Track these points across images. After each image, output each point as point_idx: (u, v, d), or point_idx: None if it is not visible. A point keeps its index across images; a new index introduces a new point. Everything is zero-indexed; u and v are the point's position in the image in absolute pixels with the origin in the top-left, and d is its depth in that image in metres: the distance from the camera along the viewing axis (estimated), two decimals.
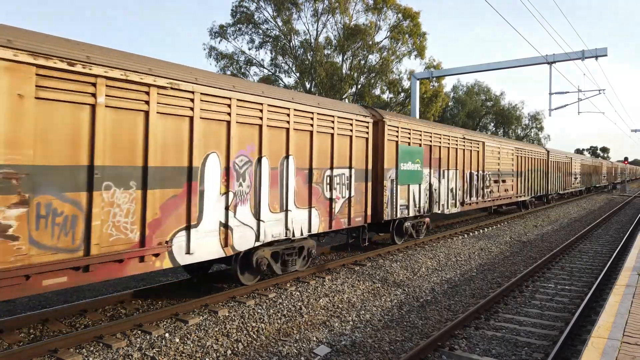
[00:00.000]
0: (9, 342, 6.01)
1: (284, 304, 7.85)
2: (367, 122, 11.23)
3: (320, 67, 31.67)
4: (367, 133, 11.26)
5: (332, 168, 9.99)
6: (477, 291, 9.78)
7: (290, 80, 34.68)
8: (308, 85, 32.96)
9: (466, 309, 8.44)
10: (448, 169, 15.22)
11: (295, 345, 6.50)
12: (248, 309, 7.44)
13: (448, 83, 66.50)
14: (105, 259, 5.79)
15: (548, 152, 27.40)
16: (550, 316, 8.08)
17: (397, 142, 12.39)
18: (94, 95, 5.72)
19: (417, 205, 13.39)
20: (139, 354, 5.74)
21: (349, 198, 10.57)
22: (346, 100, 33.75)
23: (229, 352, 6.16)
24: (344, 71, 33.17)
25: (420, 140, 13.53)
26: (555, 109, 23.94)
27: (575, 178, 35.63)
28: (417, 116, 25.33)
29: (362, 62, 33.63)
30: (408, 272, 10.79)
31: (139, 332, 6.34)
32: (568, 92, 24.29)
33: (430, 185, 14.09)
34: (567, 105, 24.37)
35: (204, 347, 6.12)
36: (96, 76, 5.74)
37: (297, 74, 33.34)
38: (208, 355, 5.97)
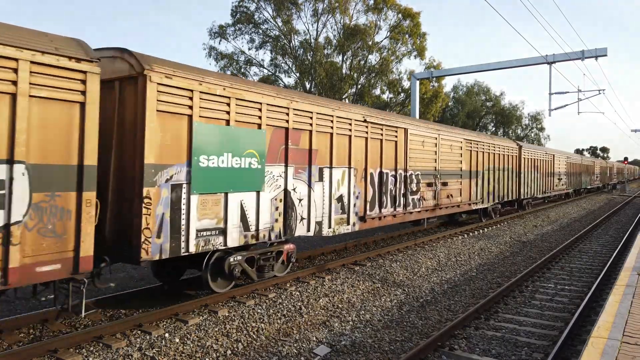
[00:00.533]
0: (9, 342, 6.01)
1: (284, 304, 7.85)
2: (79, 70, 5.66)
3: (320, 67, 31.68)
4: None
5: None
6: (477, 291, 9.78)
7: (290, 80, 34.71)
8: (308, 85, 32.97)
9: (466, 309, 8.44)
10: (331, 167, 10.09)
11: (295, 345, 6.50)
12: (248, 309, 7.44)
13: (448, 83, 66.41)
14: None
15: (520, 147, 22.25)
16: (550, 316, 8.08)
17: (190, 116, 7.05)
18: None
19: (253, 226, 8.15)
20: (138, 354, 5.74)
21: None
22: (346, 100, 33.76)
23: (229, 352, 6.16)
24: (343, 71, 33.18)
25: (261, 119, 8.25)
26: (555, 109, 23.98)
27: (559, 179, 29.89)
28: (417, 116, 25.29)
29: (362, 62, 33.65)
30: (408, 272, 10.79)
31: (139, 332, 6.33)
32: (568, 92, 24.32)
33: (287, 192, 8.89)
34: (567, 105, 24.40)
35: (204, 347, 6.12)
36: None
37: (297, 74, 33.35)
38: (208, 355, 5.97)
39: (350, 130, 10.62)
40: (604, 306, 6.30)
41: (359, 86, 34.16)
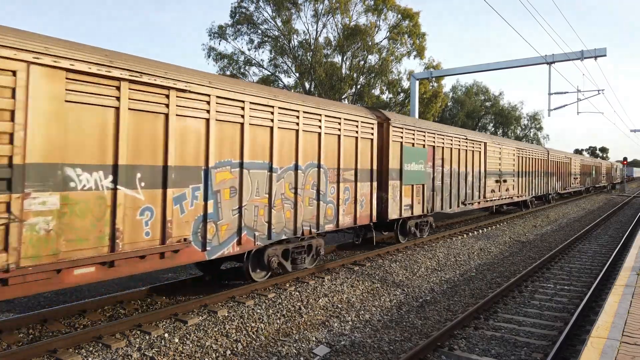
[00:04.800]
0: (8, 342, 6.00)
1: (283, 304, 7.85)
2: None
3: (320, 68, 31.69)
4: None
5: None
6: (476, 291, 9.78)
7: (290, 80, 34.72)
8: (308, 86, 32.98)
9: (465, 309, 8.44)
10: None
11: (294, 345, 6.50)
12: (247, 309, 7.44)
13: (447, 83, 66.56)
14: None
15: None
16: (549, 316, 8.09)
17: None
18: None
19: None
20: (138, 354, 5.74)
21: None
22: (346, 100, 33.77)
23: (229, 352, 6.16)
24: (343, 71, 33.18)
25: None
26: (555, 109, 24.01)
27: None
28: (417, 116, 25.32)
29: (362, 62, 33.65)
30: (407, 272, 10.79)
31: (138, 332, 6.33)
32: (567, 92, 24.33)
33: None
34: (567, 105, 24.41)
35: (204, 347, 6.12)
36: None
37: (297, 74, 33.35)
38: (207, 356, 5.97)
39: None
40: (603, 306, 6.30)
41: (359, 86, 34.17)
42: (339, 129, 10.27)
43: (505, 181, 20.09)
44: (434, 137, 14.04)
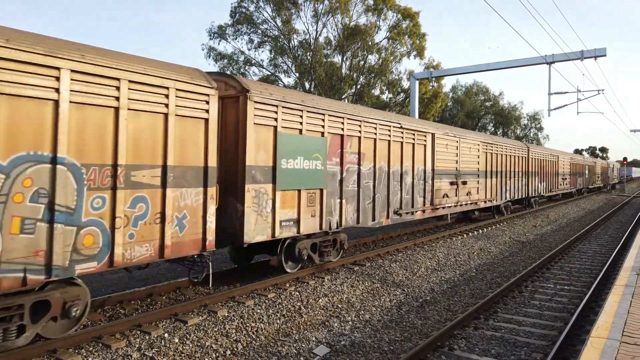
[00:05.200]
0: None
1: (283, 304, 7.85)
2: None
3: (320, 67, 31.69)
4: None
5: None
6: (476, 291, 9.78)
7: (289, 80, 34.72)
8: (308, 86, 32.97)
9: (465, 309, 8.44)
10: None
11: (294, 345, 6.50)
12: (247, 309, 7.44)
13: (447, 83, 66.55)
14: None
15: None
16: (549, 316, 8.09)
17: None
18: None
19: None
20: (138, 354, 5.74)
21: None
22: (346, 100, 33.77)
23: (228, 352, 6.16)
24: (343, 71, 33.18)
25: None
26: (555, 109, 24.03)
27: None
28: (417, 116, 25.30)
29: (362, 62, 33.65)
30: (407, 272, 10.79)
31: (138, 332, 6.33)
32: (567, 92, 24.35)
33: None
34: (566, 105, 24.43)
35: (203, 347, 6.12)
36: None
37: (297, 74, 33.35)
38: (207, 356, 5.97)
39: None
40: (603, 306, 6.30)
41: (359, 86, 34.17)
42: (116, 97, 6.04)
43: (465, 183, 16.36)
44: (342, 123, 10.15)
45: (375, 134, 11.35)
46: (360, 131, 10.79)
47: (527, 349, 6.60)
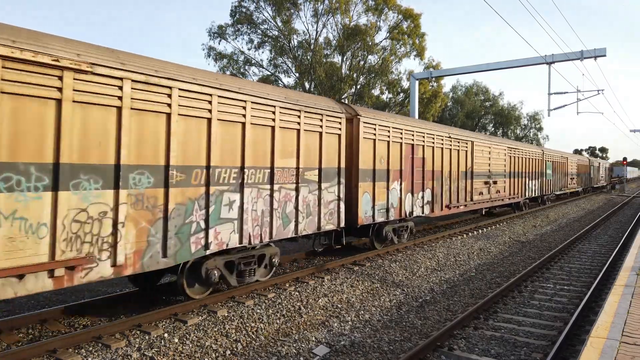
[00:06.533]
0: (8, 342, 6.00)
1: (283, 304, 7.85)
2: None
3: (320, 68, 31.68)
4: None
5: None
6: (476, 291, 9.78)
7: (289, 80, 34.72)
8: (307, 86, 32.97)
9: (465, 309, 8.44)
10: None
11: (294, 345, 6.50)
12: (247, 309, 7.44)
13: (447, 83, 66.63)
14: None
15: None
16: (549, 316, 8.09)
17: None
18: None
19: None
20: (137, 354, 5.74)
21: None
22: (346, 100, 33.78)
23: (228, 352, 6.16)
24: (343, 71, 33.18)
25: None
26: (554, 109, 23.99)
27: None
28: (416, 116, 25.31)
29: (362, 62, 33.65)
30: (407, 272, 10.79)
31: (138, 332, 6.33)
32: (567, 93, 24.34)
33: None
34: (566, 105, 24.42)
35: (203, 347, 6.12)
36: None
37: (297, 74, 33.35)
38: (207, 356, 5.97)
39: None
40: (603, 306, 6.30)
41: (359, 86, 34.17)
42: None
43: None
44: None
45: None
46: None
47: (526, 349, 6.60)
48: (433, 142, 14.37)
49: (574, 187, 35.05)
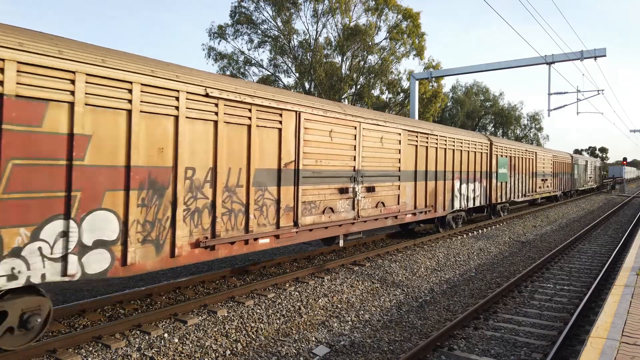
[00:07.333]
0: None
1: (283, 304, 7.85)
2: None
3: (320, 68, 31.68)
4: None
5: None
6: (476, 291, 9.78)
7: (289, 80, 34.71)
8: (307, 86, 32.98)
9: (465, 309, 8.44)
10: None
11: (294, 345, 6.50)
12: (247, 309, 7.44)
13: (447, 83, 66.63)
14: None
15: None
16: (549, 316, 8.09)
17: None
18: None
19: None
20: (137, 354, 5.74)
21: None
22: (345, 100, 33.76)
23: (228, 352, 6.16)
24: (343, 71, 33.17)
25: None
26: (554, 109, 23.98)
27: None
28: (416, 117, 25.31)
29: (362, 62, 33.64)
30: (407, 272, 10.79)
31: (138, 332, 6.33)
32: (567, 93, 24.34)
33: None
34: (566, 105, 24.41)
35: (203, 347, 6.12)
36: None
37: (297, 74, 33.35)
38: (207, 356, 5.97)
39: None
40: (603, 306, 6.30)
41: (359, 86, 34.16)
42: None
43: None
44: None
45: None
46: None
47: (526, 349, 6.60)
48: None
49: (548, 191, 28.10)
